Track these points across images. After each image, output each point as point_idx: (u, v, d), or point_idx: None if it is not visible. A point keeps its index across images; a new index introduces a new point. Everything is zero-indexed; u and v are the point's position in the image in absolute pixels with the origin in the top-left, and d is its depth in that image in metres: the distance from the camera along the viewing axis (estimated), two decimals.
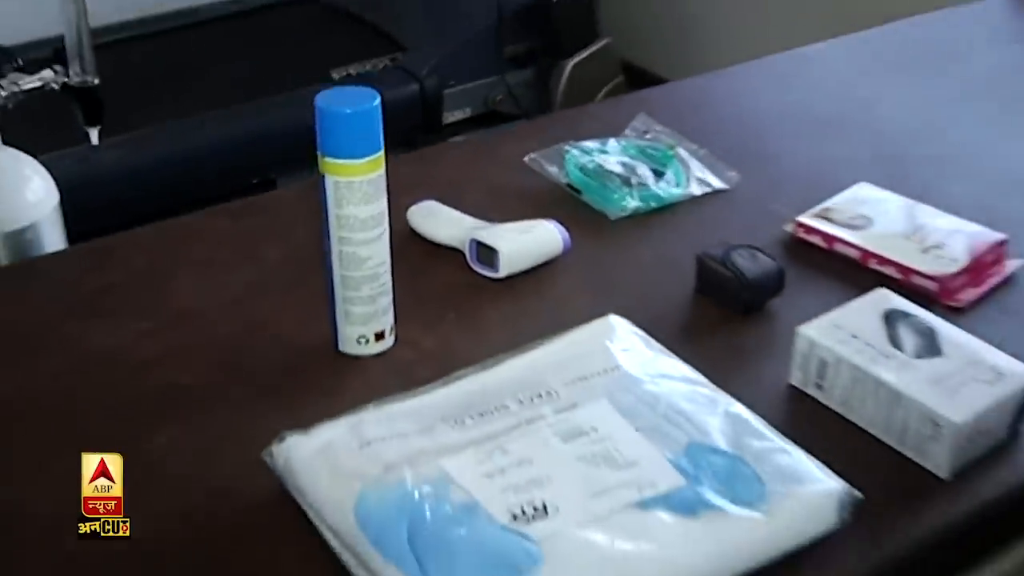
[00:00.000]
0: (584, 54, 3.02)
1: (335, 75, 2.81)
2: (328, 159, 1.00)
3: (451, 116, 2.94)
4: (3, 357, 1.10)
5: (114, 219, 1.41)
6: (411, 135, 2.89)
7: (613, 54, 3.06)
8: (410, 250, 1.20)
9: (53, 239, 1.32)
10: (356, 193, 1.01)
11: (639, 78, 3.21)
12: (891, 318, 1.04)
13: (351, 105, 0.99)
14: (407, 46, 2.99)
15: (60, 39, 1.40)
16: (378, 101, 0.99)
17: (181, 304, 1.18)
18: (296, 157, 1.60)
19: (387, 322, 1.08)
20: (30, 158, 1.34)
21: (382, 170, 1.02)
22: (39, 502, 0.90)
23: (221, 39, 2.98)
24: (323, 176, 1.01)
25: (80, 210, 1.55)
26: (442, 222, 1.26)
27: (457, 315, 1.15)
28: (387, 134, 1.02)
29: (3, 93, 1.30)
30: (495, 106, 2.96)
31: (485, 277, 1.20)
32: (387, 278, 1.06)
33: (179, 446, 0.98)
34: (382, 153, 1.01)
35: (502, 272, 1.19)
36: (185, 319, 1.15)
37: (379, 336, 1.07)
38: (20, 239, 1.29)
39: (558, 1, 2.93)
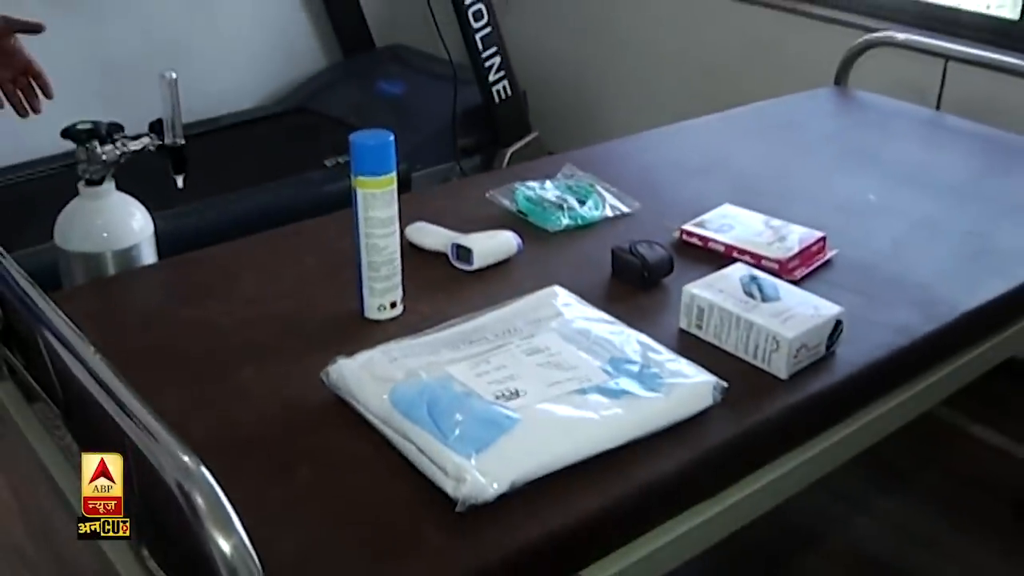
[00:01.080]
0: (518, 144, 3.19)
1: (327, 163, 2.93)
2: (359, 177, 1.16)
3: None
4: (123, 328, 1.23)
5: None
6: None
7: (541, 144, 3.24)
8: (409, 255, 1.32)
9: (149, 256, 1.46)
10: (378, 201, 1.16)
11: None
12: (745, 280, 1.22)
13: (374, 141, 1.16)
14: None
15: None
16: (392, 138, 1.16)
17: (247, 293, 1.31)
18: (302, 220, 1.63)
19: (398, 295, 1.23)
20: (134, 199, 1.48)
21: (395, 186, 1.17)
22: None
23: (240, 138, 3.11)
24: (355, 190, 1.16)
25: None
26: (430, 234, 1.41)
27: (445, 294, 1.30)
28: None
29: (117, 152, 1.45)
30: None
31: (463, 270, 1.35)
32: (398, 263, 1.21)
33: (259, 377, 1.12)
34: (395, 173, 1.17)
35: (475, 265, 1.34)
36: (252, 302, 1.28)
37: (393, 304, 1.22)
38: (127, 255, 1.43)
39: (498, 104, 3.12)
